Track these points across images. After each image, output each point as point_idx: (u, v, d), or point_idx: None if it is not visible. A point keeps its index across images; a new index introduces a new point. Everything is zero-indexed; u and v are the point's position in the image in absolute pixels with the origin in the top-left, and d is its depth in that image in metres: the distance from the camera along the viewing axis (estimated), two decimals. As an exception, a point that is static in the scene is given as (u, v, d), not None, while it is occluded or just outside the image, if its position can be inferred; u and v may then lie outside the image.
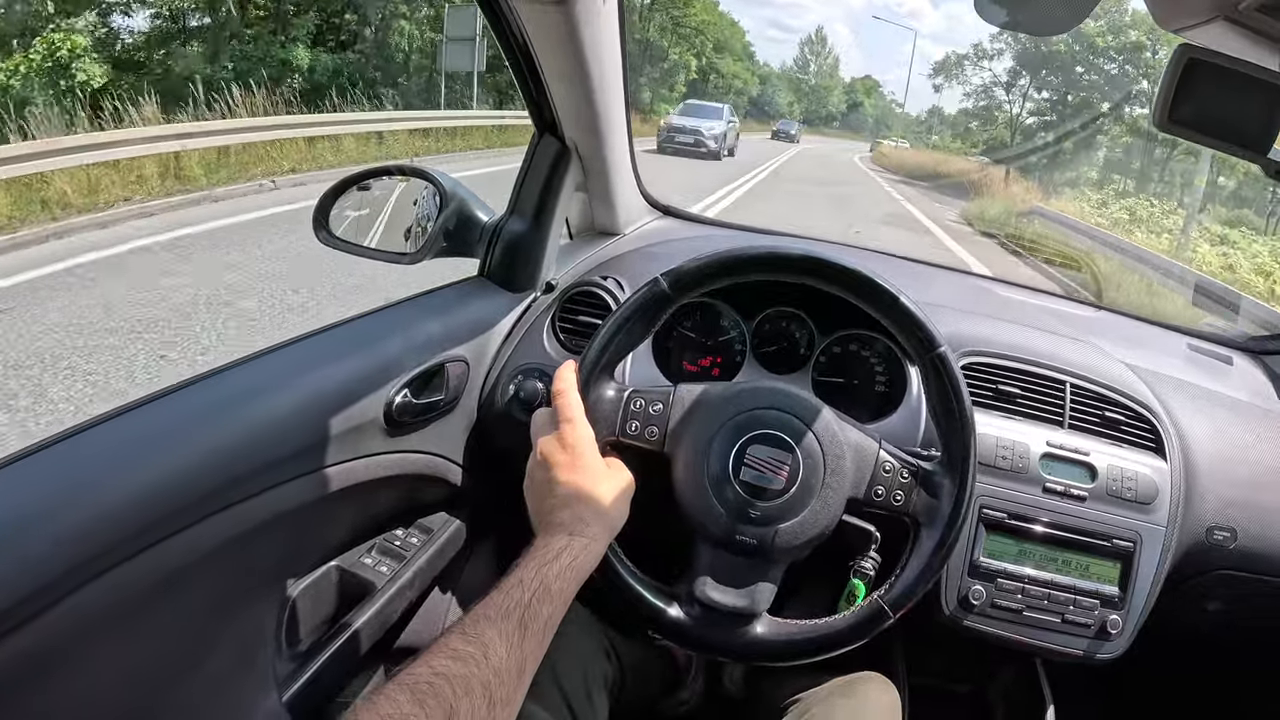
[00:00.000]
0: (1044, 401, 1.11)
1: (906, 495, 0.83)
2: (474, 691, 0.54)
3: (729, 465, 0.80)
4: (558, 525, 0.72)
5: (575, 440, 0.76)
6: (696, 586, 0.81)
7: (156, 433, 0.75)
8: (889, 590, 0.82)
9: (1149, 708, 1.53)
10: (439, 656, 0.56)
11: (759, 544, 0.80)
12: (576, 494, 0.74)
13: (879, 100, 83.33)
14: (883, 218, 12.37)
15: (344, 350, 0.96)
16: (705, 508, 0.80)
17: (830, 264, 0.83)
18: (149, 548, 0.70)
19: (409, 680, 0.53)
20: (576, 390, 0.80)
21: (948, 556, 0.82)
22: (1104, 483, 1.05)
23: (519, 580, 0.64)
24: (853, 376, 1.16)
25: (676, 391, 0.85)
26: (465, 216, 1.13)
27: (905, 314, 0.82)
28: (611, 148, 1.18)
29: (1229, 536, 1.10)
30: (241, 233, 6.66)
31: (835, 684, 0.96)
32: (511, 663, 0.58)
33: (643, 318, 0.83)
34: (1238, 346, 1.44)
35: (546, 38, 0.98)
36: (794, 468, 0.80)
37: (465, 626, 0.59)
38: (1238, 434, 1.17)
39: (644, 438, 0.83)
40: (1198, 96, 0.83)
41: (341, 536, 1.03)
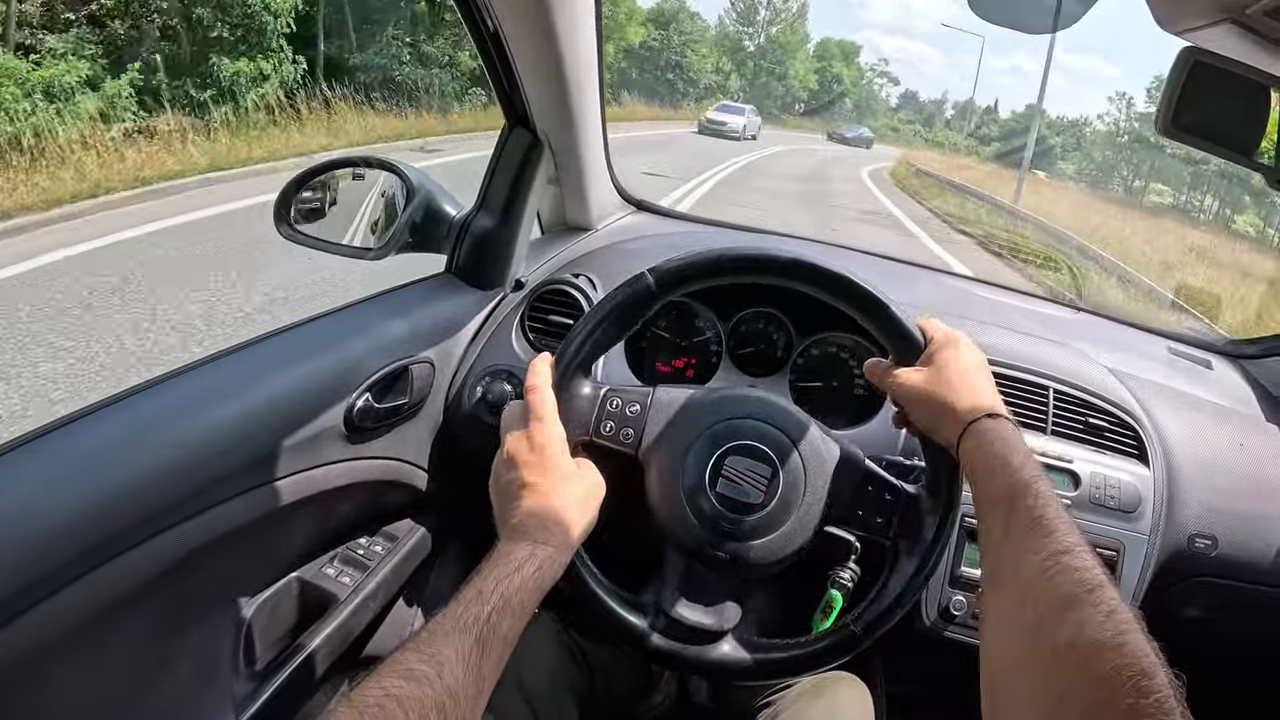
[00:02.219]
0: (1027, 407, 1.09)
1: (888, 519, 0.79)
2: (428, 714, 0.51)
3: (706, 475, 0.77)
4: (521, 531, 0.68)
5: (545, 439, 0.72)
6: (665, 599, 0.78)
7: (97, 448, 0.71)
8: (862, 613, 0.79)
9: None
10: (391, 676, 0.52)
11: (731, 559, 0.77)
12: (543, 498, 0.70)
13: (856, 74, 57.40)
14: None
15: (301, 353, 0.91)
16: (678, 518, 0.77)
17: (822, 270, 0.79)
18: (91, 571, 0.67)
19: (360, 702, 0.49)
20: (550, 386, 0.76)
21: (925, 582, 0.79)
22: (1087, 490, 1.04)
23: (478, 593, 0.61)
24: (831, 379, 1.13)
25: (655, 393, 0.81)
26: (432, 210, 1.08)
27: (894, 323, 0.79)
28: (585, 141, 1.14)
29: (1210, 544, 1.09)
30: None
31: (805, 685, 0.94)
32: (469, 682, 0.55)
33: (625, 314, 0.79)
34: (1217, 350, 1.43)
35: (520, 27, 0.94)
36: (773, 482, 0.77)
37: (420, 643, 0.56)
38: (1219, 440, 1.16)
39: (619, 440, 0.79)
40: (1202, 102, 0.80)
41: (302, 548, 1.00)
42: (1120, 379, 1.17)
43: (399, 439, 1.03)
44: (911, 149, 33.63)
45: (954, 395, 0.72)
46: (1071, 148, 46.55)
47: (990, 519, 0.63)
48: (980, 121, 54.84)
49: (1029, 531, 0.58)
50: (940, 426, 0.74)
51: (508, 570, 0.63)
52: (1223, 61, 0.75)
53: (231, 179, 7.78)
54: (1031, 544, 0.57)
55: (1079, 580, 0.52)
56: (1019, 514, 0.60)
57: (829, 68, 53.83)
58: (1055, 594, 0.52)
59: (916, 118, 58.65)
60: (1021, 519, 0.59)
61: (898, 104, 59.43)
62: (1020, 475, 0.62)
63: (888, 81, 63.19)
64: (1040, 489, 0.61)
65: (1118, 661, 0.46)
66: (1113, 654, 0.47)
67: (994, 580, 0.61)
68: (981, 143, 49.73)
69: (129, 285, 4.46)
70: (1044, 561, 0.55)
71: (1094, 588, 0.52)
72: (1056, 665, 0.49)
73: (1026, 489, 0.61)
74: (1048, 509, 0.59)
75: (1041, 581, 0.54)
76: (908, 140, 49.92)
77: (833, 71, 54.49)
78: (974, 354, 0.77)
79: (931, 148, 45.18)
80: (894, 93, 66.60)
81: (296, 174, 1.08)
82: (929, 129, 56.74)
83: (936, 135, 53.49)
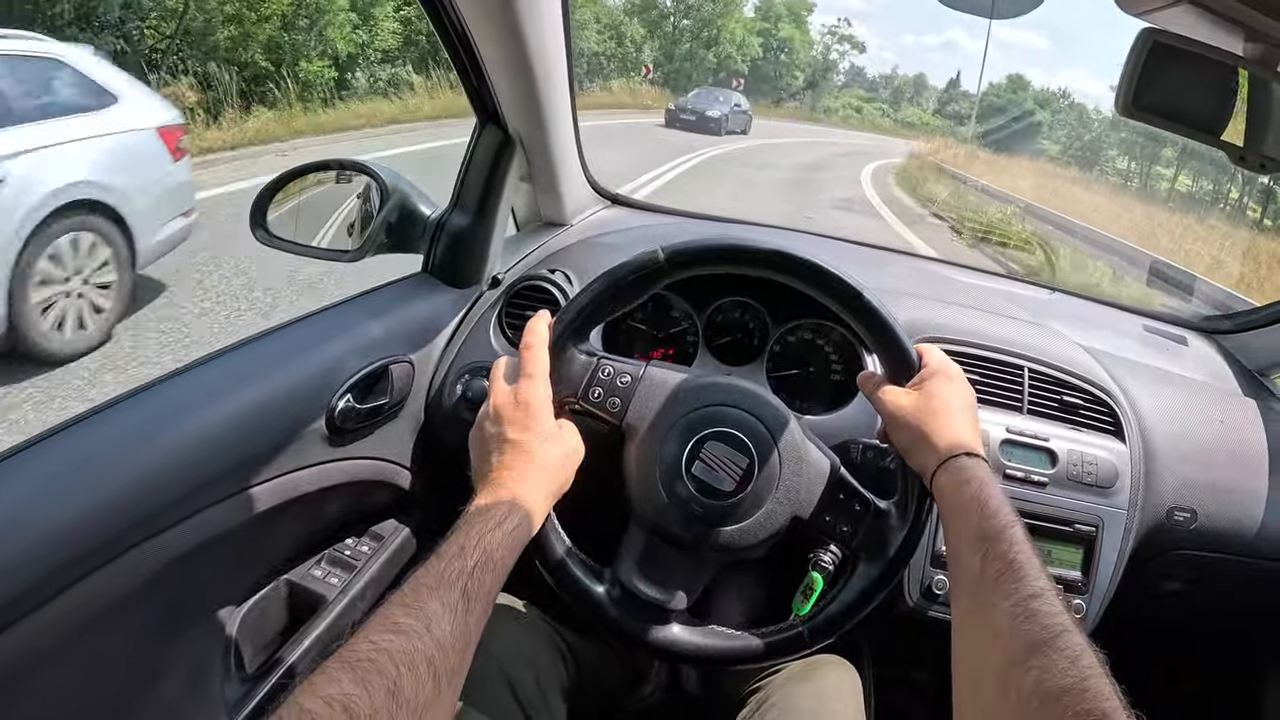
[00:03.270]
0: (1002, 387, 1.10)
1: (854, 527, 0.80)
2: (418, 666, 0.51)
3: (683, 456, 0.77)
4: (500, 485, 0.68)
5: (532, 397, 0.73)
6: (622, 570, 0.78)
7: (81, 459, 0.72)
8: (814, 616, 0.80)
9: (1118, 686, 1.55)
10: (380, 630, 0.52)
11: (694, 541, 0.78)
12: (525, 455, 0.70)
13: (808, 39, 43.34)
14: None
15: (281, 357, 0.92)
16: (650, 493, 0.78)
17: (838, 280, 0.79)
18: (79, 580, 0.67)
19: (349, 657, 0.50)
20: (545, 347, 0.76)
21: (880, 596, 0.80)
22: (1064, 468, 1.05)
23: (460, 548, 0.61)
24: (808, 365, 1.14)
25: (647, 368, 0.82)
26: (407, 211, 1.08)
27: (895, 343, 0.80)
28: (556, 137, 1.14)
29: (1189, 517, 1.11)
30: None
31: (793, 669, 0.95)
32: (456, 635, 0.55)
33: (630, 286, 0.79)
34: (1192, 327, 1.44)
35: (486, 26, 0.93)
36: (748, 473, 0.77)
37: (406, 597, 0.56)
38: (1195, 415, 1.17)
39: (605, 407, 0.80)
40: (1162, 82, 0.81)
41: (289, 550, 1.01)
42: (1095, 356, 1.18)
43: (381, 439, 1.04)
44: (922, 140, 24.31)
45: (937, 427, 0.74)
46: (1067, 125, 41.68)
47: (965, 561, 0.64)
48: (950, 97, 49.64)
49: (1002, 576, 0.59)
50: (918, 454, 0.75)
51: (489, 525, 0.64)
52: (1182, 42, 0.76)
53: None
54: (1004, 588, 0.58)
55: (1046, 626, 0.54)
56: (993, 559, 0.61)
57: (774, 30, 40.45)
58: (1024, 640, 0.54)
59: (876, 95, 50.14)
60: (996, 564, 0.60)
61: (844, 80, 48.01)
62: (996, 520, 0.64)
63: (850, 47, 48.27)
64: (1015, 534, 0.62)
65: (1080, 706, 0.48)
66: (1075, 698, 0.49)
67: (966, 625, 0.62)
68: (957, 122, 44.75)
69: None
70: (1014, 608, 0.56)
71: (1060, 633, 0.53)
72: (1023, 711, 0.51)
73: (1001, 534, 0.62)
74: (1021, 553, 0.61)
75: (1012, 627, 0.55)
76: (873, 122, 42.71)
77: (779, 36, 41.08)
78: (964, 391, 0.79)
79: (905, 129, 39.80)
80: (857, 61, 57.42)
81: (270, 179, 1.09)
82: (896, 109, 48.32)
83: (906, 115, 47.01)
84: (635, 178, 9.66)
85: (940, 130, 38.99)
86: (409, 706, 0.49)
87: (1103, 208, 12.86)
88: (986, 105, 43.79)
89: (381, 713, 0.48)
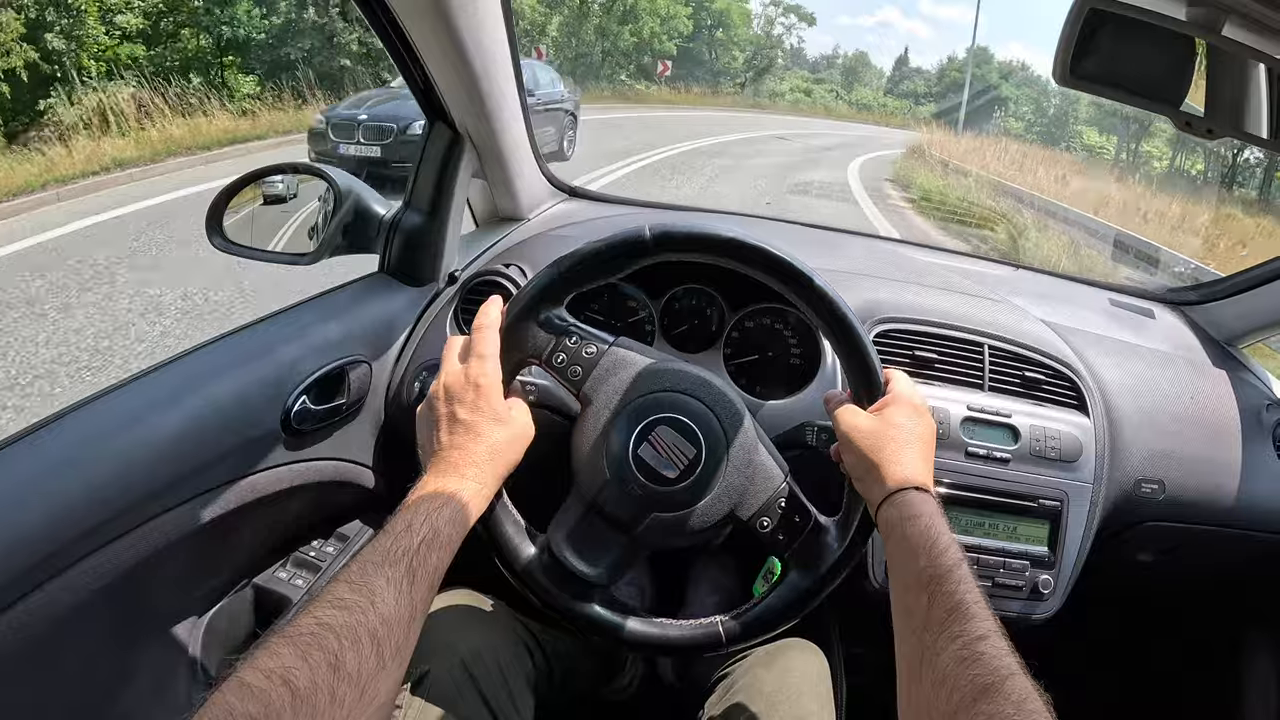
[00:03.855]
0: (962, 365, 1.10)
1: (790, 539, 0.80)
2: (361, 640, 0.52)
3: (632, 435, 0.77)
4: (450, 465, 0.69)
5: (481, 377, 0.73)
6: (555, 538, 0.78)
7: (35, 468, 0.73)
8: (738, 616, 0.80)
9: (1089, 664, 1.55)
10: (324, 606, 0.53)
11: (629, 521, 0.77)
12: (473, 435, 0.71)
13: (745, 13, 37.52)
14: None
15: (234, 362, 0.92)
16: (593, 466, 0.78)
17: (820, 292, 0.78)
18: (38, 588, 0.68)
19: (292, 632, 0.50)
20: (497, 329, 0.77)
21: (807, 608, 0.80)
22: (1027, 443, 1.05)
23: (407, 525, 0.61)
24: (766, 350, 1.14)
25: (616, 343, 0.81)
26: (362, 211, 1.09)
27: (865, 364, 0.79)
28: (505, 132, 1.14)
29: (1157, 488, 1.11)
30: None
31: (758, 654, 0.95)
32: (401, 610, 0.56)
33: (611, 259, 0.79)
34: (1158, 299, 1.44)
35: (422, 25, 0.93)
36: (693, 463, 0.77)
37: (351, 574, 0.57)
38: (1161, 386, 1.17)
39: (565, 374, 0.79)
40: (1102, 49, 0.80)
41: (254, 553, 1.01)
42: (1057, 331, 1.18)
43: (342, 440, 1.04)
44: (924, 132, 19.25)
45: (890, 455, 0.73)
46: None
47: (911, 601, 0.63)
48: (902, 75, 46.94)
49: (949, 617, 0.59)
50: (867, 480, 0.74)
51: (435, 504, 0.64)
52: (1120, 6, 0.75)
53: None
54: (952, 629, 0.58)
55: (994, 669, 0.54)
56: (941, 598, 0.61)
57: (706, 2, 33.93)
58: (971, 683, 0.54)
59: (825, 77, 45.64)
60: (944, 603, 0.60)
61: (785, 63, 42.68)
62: (945, 559, 0.64)
63: (799, 20, 41.51)
64: (963, 573, 0.62)
65: None
66: None
67: (912, 666, 0.61)
68: (915, 101, 42.49)
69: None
70: (961, 650, 0.56)
71: (1008, 676, 0.53)
72: None
73: (950, 573, 0.62)
74: (969, 593, 0.61)
75: (959, 670, 0.55)
76: (826, 105, 37.73)
77: (712, 8, 34.39)
78: (925, 424, 0.78)
79: (862, 112, 36.82)
80: (805, 33, 46.70)
81: (224, 185, 1.09)
82: (848, 90, 44.28)
83: (860, 97, 43.41)
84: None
85: (898, 110, 36.30)
86: (351, 679, 0.50)
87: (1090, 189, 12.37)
88: (949, 83, 40.56)
89: (322, 686, 0.49)
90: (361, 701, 0.50)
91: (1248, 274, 1.31)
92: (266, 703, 0.46)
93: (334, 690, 0.49)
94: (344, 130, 7.34)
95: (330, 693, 0.49)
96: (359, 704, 0.50)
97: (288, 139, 9.88)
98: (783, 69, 41.67)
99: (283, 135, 10.12)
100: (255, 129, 10.26)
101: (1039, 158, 15.35)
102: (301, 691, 0.47)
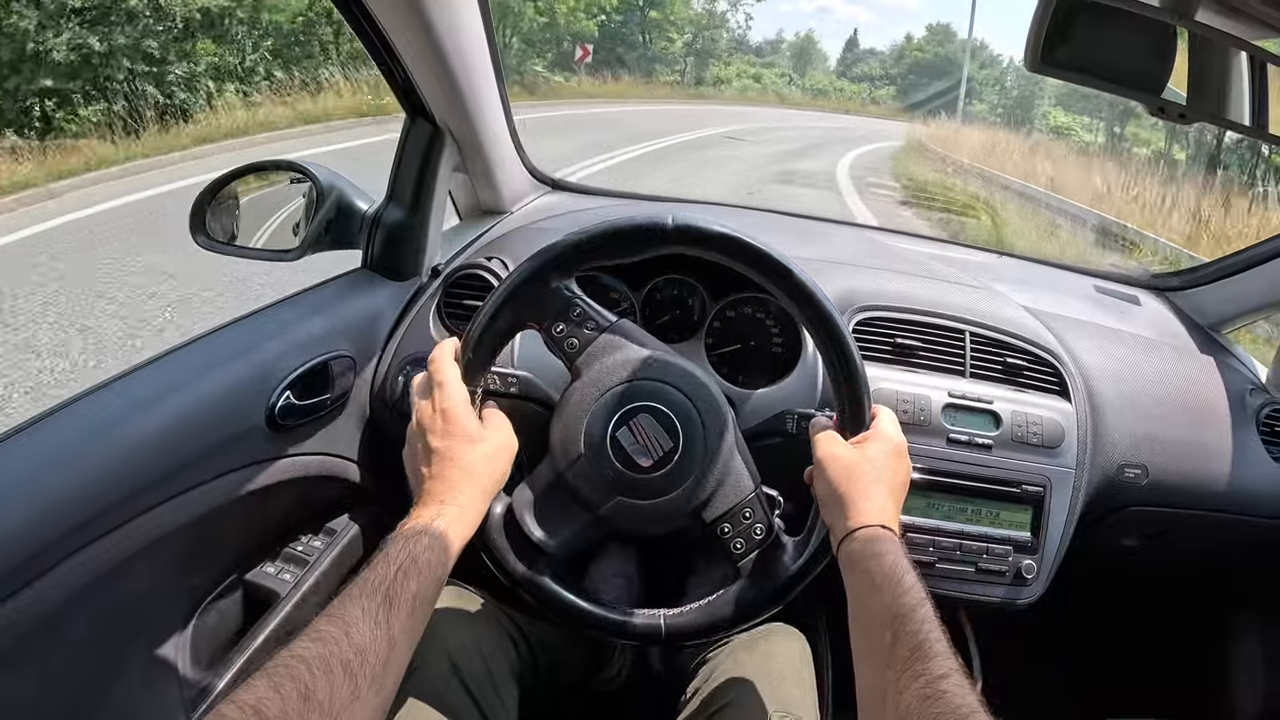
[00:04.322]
0: (943, 352, 1.10)
1: (747, 549, 0.80)
2: (333, 670, 0.53)
3: (614, 417, 0.78)
4: (430, 495, 0.70)
5: (444, 402, 0.74)
6: (518, 499, 0.79)
7: (19, 469, 0.73)
8: (681, 614, 0.80)
9: (1074, 647, 1.56)
10: (301, 641, 0.54)
11: (593, 500, 0.78)
12: (449, 461, 0.72)
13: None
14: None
15: (217, 359, 0.93)
16: (570, 439, 0.78)
17: (829, 316, 0.79)
18: (26, 586, 0.68)
19: (269, 667, 0.52)
20: (450, 356, 0.78)
21: (746, 623, 0.80)
22: (1009, 429, 1.05)
23: (385, 556, 0.63)
24: (748, 339, 1.14)
25: (615, 325, 0.82)
26: (344, 207, 1.09)
27: (856, 394, 0.80)
28: (486, 126, 1.14)
29: (1140, 473, 1.11)
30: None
31: (742, 640, 0.96)
32: (379, 639, 0.57)
33: (628, 241, 0.79)
34: (1142, 285, 1.44)
35: (397, 20, 0.93)
36: (667, 456, 0.78)
37: (332, 608, 0.58)
38: (1144, 371, 1.18)
39: (563, 345, 0.80)
40: (1076, 36, 0.80)
41: (242, 549, 1.02)
42: (1039, 318, 1.18)
43: (328, 435, 1.04)
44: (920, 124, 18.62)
45: (862, 489, 0.74)
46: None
47: (875, 637, 0.64)
48: (855, 58, 44.27)
49: (912, 655, 0.60)
50: (836, 510, 0.75)
51: (414, 533, 0.65)
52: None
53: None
54: (915, 668, 0.59)
55: (955, 707, 0.55)
56: (905, 637, 0.61)
57: None
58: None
59: (774, 62, 42.41)
60: (907, 642, 0.61)
61: (729, 45, 38.00)
62: (909, 598, 0.64)
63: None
64: (927, 612, 0.63)
65: None
66: None
67: (874, 701, 0.62)
68: (873, 85, 40.31)
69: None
70: (924, 689, 0.57)
71: (969, 715, 0.54)
72: None
73: (913, 613, 0.63)
74: (931, 633, 0.61)
75: (922, 708, 0.56)
76: (779, 91, 35.37)
77: None
78: (902, 467, 0.79)
79: (818, 98, 35.12)
80: (753, 14, 44.72)
81: (208, 183, 1.09)
82: (801, 75, 41.50)
83: (815, 82, 40.82)
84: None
85: (856, 95, 33.88)
86: (322, 708, 0.51)
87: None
88: (911, 63, 38.35)
89: (293, 715, 0.50)
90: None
91: (1232, 259, 1.32)
92: None
93: (303, 718, 0.50)
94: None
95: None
96: None
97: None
98: (727, 51, 37.18)
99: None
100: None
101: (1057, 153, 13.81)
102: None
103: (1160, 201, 8.77)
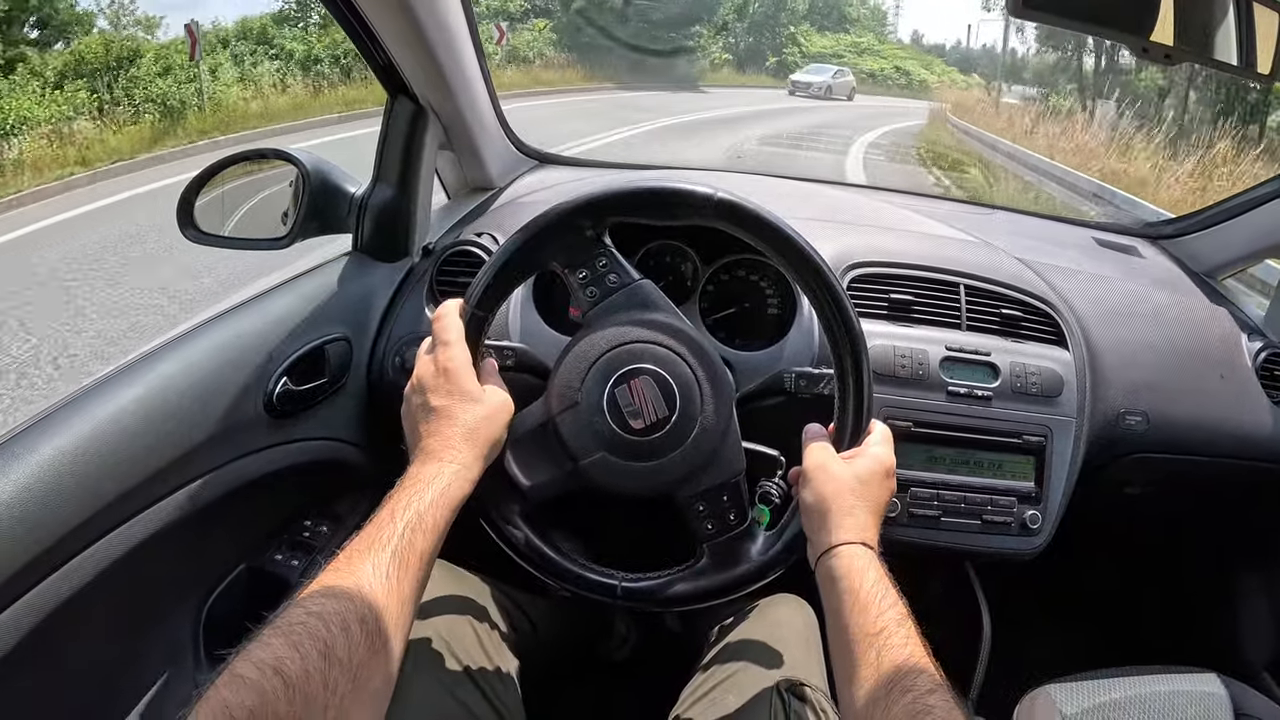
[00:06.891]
0: (939, 305, 1.10)
1: (718, 533, 0.80)
2: (350, 627, 0.52)
3: (614, 375, 0.77)
4: (428, 453, 0.70)
5: (448, 361, 0.74)
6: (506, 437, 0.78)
7: (20, 474, 0.72)
8: (639, 581, 0.81)
9: (1080, 598, 1.56)
10: (313, 597, 0.54)
11: (577, 451, 0.78)
12: (448, 419, 0.72)
13: None
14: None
15: (212, 350, 0.92)
16: (568, 386, 0.78)
17: (848, 315, 0.78)
18: (39, 583, 0.69)
19: (283, 624, 0.51)
20: (456, 313, 0.78)
21: (707, 603, 0.80)
22: (1008, 380, 1.05)
23: (390, 513, 0.62)
24: (743, 302, 1.14)
25: (639, 282, 0.81)
26: (331, 191, 1.08)
27: (859, 406, 0.79)
28: (470, 103, 1.13)
29: (1141, 420, 1.11)
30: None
31: (748, 610, 0.98)
32: (391, 597, 0.57)
33: (667, 204, 0.78)
34: (1137, 234, 1.44)
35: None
36: (659, 423, 0.77)
37: (339, 564, 0.58)
38: (1142, 319, 1.18)
39: (583, 291, 0.80)
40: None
41: (248, 537, 1.02)
42: (1034, 269, 1.18)
43: (327, 418, 1.05)
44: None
45: (845, 507, 0.74)
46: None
47: (859, 655, 0.64)
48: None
49: (898, 673, 0.60)
50: (817, 524, 0.75)
51: (417, 490, 0.65)
52: None
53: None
54: (903, 683, 0.59)
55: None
56: (890, 654, 0.62)
57: None
58: None
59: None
60: (892, 659, 0.61)
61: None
62: (892, 614, 0.65)
63: None
64: (910, 629, 0.64)
65: None
66: None
67: (860, 718, 0.62)
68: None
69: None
70: (912, 704, 0.57)
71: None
72: None
73: (897, 629, 0.63)
74: (916, 649, 0.62)
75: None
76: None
77: None
78: (886, 488, 0.79)
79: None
80: None
81: (193, 176, 1.09)
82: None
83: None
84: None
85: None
86: (342, 665, 0.51)
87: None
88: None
89: (314, 673, 0.49)
90: (355, 687, 0.51)
91: (1224, 205, 1.32)
92: (261, 693, 0.47)
93: (326, 677, 0.50)
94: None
95: (323, 680, 0.49)
96: (352, 691, 0.51)
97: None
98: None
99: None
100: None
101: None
102: (294, 680, 0.48)
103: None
